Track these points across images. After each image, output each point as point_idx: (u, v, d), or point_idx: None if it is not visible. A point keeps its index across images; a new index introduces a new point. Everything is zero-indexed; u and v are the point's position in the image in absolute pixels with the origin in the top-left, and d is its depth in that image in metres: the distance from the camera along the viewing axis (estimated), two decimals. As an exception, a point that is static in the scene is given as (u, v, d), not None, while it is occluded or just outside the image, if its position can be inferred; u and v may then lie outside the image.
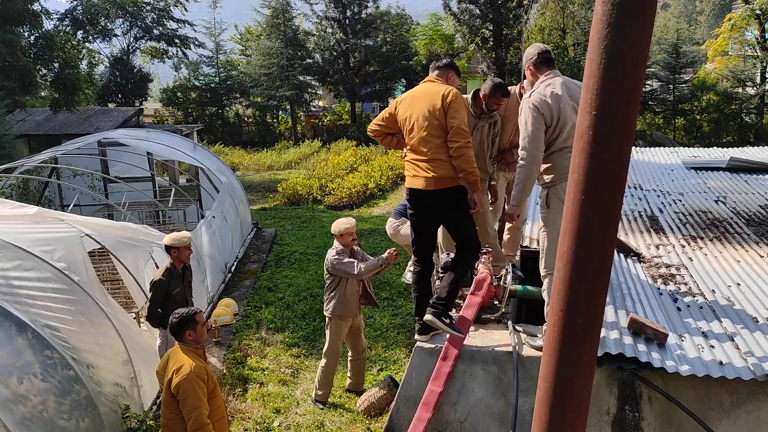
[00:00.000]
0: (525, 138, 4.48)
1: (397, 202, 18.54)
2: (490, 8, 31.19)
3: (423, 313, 4.88)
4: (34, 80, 18.39)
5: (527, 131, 4.46)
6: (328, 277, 6.70)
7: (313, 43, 36.74)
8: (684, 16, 76.05)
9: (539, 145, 4.47)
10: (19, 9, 17.16)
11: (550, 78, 4.60)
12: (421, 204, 4.95)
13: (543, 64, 4.67)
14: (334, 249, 6.68)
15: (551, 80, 4.58)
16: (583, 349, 2.28)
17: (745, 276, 5.17)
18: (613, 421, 4.18)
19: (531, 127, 4.44)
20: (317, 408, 6.81)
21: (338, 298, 6.65)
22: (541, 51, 4.71)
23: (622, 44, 2.02)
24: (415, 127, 4.86)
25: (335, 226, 6.71)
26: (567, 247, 2.22)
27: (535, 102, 4.46)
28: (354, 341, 7.00)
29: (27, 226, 6.25)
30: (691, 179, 8.91)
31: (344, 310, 6.67)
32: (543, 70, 4.67)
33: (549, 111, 4.45)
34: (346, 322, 6.76)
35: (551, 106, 4.45)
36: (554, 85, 4.54)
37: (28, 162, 11.98)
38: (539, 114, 4.44)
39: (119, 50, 36.27)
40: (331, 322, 6.75)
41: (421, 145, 4.82)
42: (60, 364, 5.12)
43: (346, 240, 6.63)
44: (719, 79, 31.47)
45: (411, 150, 4.94)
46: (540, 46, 4.79)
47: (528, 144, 4.46)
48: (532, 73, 4.73)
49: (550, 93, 4.49)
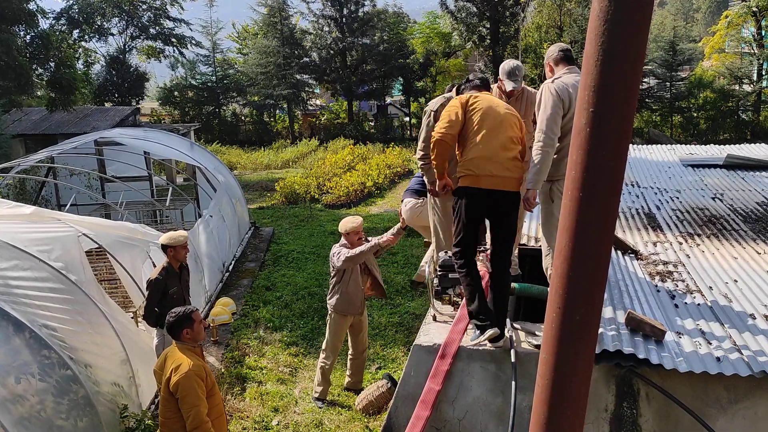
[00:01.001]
0: (543, 120, 4.53)
1: (395, 201, 18.58)
2: (487, 6, 31.22)
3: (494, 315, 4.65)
4: (31, 80, 18.34)
5: (546, 113, 4.52)
6: (332, 270, 6.69)
7: (310, 42, 36.71)
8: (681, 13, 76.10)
9: (555, 128, 4.53)
10: (15, 8, 17.10)
11: (572, 71, 4.69)
12: (496, 204, 4.66)
13: (562, 60, 4.77)
14: (337, 243, 6.67)
15: (575, 74, 4.67)
16: (580, 346, 2.29)
17: (742, 273, 5.18)
18: (611, 417, 4.19)
19: (550, 110, 4.50)
20: (316, 406, 6.81)
21: (341, 293, 6.60)
22: (562, 48, 4.83)
23: (619, 42, 2.02)
24: (503, 124, 4.68)
25: (342, 225, 6.67)
26: (564, 244, 2.22)
27: (556, 87, 4.54)
28: (355, 339, 6.98)
29: (24, 226, 6.24)
30: (688, 176, 8.93)
31: (345, 307, 6.63)
32: (562, 66, 4.76)
33: (568, 98, 4.53)
34: (347, 318, 6.72)
35: (571, 96, 4.52)
36: (577, 80, 4.58)
37: (24, 162, 11.96)
38: (559, 99, 4.51)
39: (115, 49, 36.22)
40: (332, 316, 6.72)
41: (506, 143, 4.66)
42: (58, 364, 5.11)
43: (352, 239, 6.58)
44: (716, 76, 31.52)
45: (485, 147, 4.66)
46: (561, 44, 4.92)
47: (545, 126, 4.49)
48: (551, 69, 4.82)
49: (572, 83, 4.57)
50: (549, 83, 4.61)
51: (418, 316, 8.95)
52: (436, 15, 37.05)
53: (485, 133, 4.65)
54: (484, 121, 4.67)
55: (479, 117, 4.70)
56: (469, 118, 4.73)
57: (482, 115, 4.70)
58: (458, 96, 4.99)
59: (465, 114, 4.75)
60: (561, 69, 4.74)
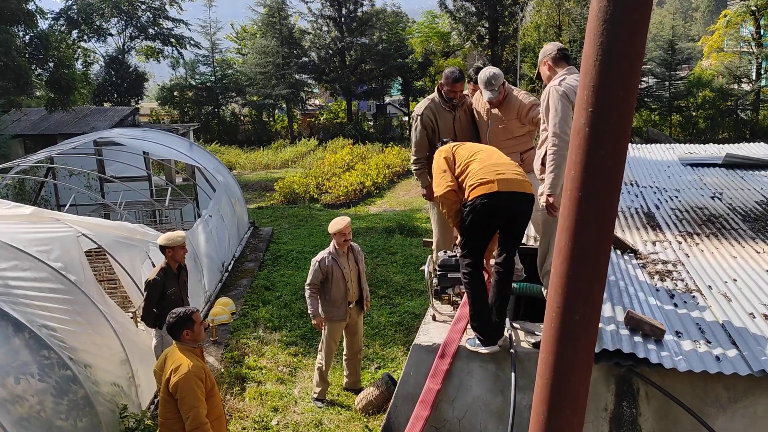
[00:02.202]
0: (555, 124, 4.48)
1: (394, 201, 18.61)
2: (486, 6, 31.25)
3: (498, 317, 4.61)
4: (30, 80, 18.30)
5: (558, 116, 4.48)
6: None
7: (308, 42, 36.73)
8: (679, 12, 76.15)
9: (569, 130, 4.48)
10: (14, 9, 17.08)
11: (572, 72, 4.65)
12: (511, 209, 4.50)
13: (561, 59, 4.74)
14: (320, 254, 6.78)
15: (576, 74, 4.61)
16: (580, 345, 2.29)
17: (742, 272, 5.18)
18: (610, 417, 4.19)
19: (561, 112, 4.47)
20: (315, 406, 6.82)
21: (323, 300, 6.76)
22: (560, 48, 4.79)
23: (618, 41, 2.02)
24: (493, 149, 4.81)
25: (330, 225, 6.74)
26: (564, 243, 2.22)
27: (564, 89, 4.51)
28: (350, 340, 7.02)
29: (23, 226, 6.24)
30: (687, 176, 8.93)
31: (329, 313, 6.74)
32: (562, 65, 4.73)
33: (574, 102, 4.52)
34: (335, 324, 6.78)
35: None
36: (578, 79, 4.56)
37: (23, 162, 11.95)
38: (568, 100, 4.47)
39: (114, 49, 36.23)
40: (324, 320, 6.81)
41: (505, 159, 4.69)
42: (57, 364, 5.11)
43: (337, 240, 6.65)
44: (715, 75, 31.56)
45: (486, 161, 4.62)
46: (558, 44, 4.89)
47: (558, 128, 4.45)
48: (550, 68, 4.77)
49: (576, 84, 4.53)
50: (556, 86, 4.55)
51: (417, 315, 8.95)
52: (434, 14, 37.08)
53: (481, 156, 4.69)
54: (474, 152, 4.76)
55: (467, 151, 4.76)
56: (457, 156, 4.76)
57: (469, 148, 4.79)
58: (438, 151, 4.99)
59: (453, 157, 4.77)
60: (561, 69, 4.71)
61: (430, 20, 37.99)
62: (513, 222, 4.56)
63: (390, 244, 13.08)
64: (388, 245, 13.02)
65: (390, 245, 13.01)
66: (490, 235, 4.65)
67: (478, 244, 4.63)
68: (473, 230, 4.58)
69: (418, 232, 13.93)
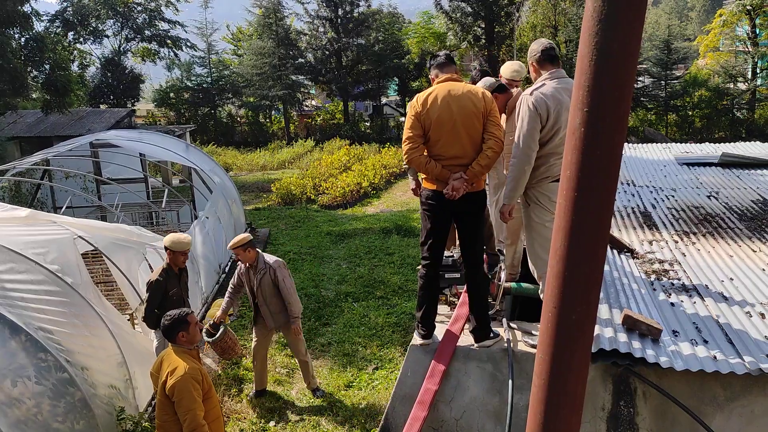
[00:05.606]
0: (519, 136, 4.42)
1: (391, 201, 18.61)
2: (482, 6, 31.26)
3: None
4: (25, 82, 18.28)
5: (522, 129, 4.40)
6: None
7: (305, 43, 36.72)
8: (675, 12, 76.29)
9: (533, 144, 4.40)
10: (10, 11, 17.06)
11: (554, 77, 4.47)
12: (452, 205, 4.63)
13: (546, 61, 4.53)
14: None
15: (556, 81, 4.45)
16: (577, 345, 2.29)
17: (738, 271, 5.20)
18: (608, 416, 4.20)
19: (526, 126, 4.37)
20: (314, 403, 6.83)
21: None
22: (545, 48, 4.55)
23: (613, 40, 2.02)
24: (457, 126, 4.56)
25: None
26: (560, 243, 2.22)
27: (534, 101, 4.35)
28: (291, 348, 7.39)
29: (19, 229, 6.22)
30: (683, 175, 8.95)
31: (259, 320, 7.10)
32: (547, 68, 4.53)
33: (546, 111, 4.34)
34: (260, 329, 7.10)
35: (549, 108, 4.33)
36: (558, 89, 4.39)
37: (19, 164, 11.91)
38: (536, 113, 4.34)
39: (110, 51, 36.17)
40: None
41: (465, 145, 4.59)
42: (54, 367, 5.09)
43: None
44: (711, 74, 31.68)
45: (444, 150, 4.62)
46: (543, 42, 4.63)
47: (521, 142, 4.41)
48: (536, 69, 4.60)
49: (551, 94, 4.37)
50: (527, 95, 4.42)
51: (414, 316, 8.94)
52: (430, 15, 37.13)
53: (441, 144, 4.61)
54: (439, 130, 4.58)
55: (433, 127, 4.59)
56: (425, 124, 4.62)
57: (435, 125, 4.58)
58: (412, 102, 4.79)
59: (421, 123, 4.64)
60: (544, 72, 4.53)
61: (426, 21, 38.04)
62: (459, 217, 4.74)
63: (387, 245, 13.09)
64: (386, 246, 13.03)
65: (387, 246, 13.02)
66: (444, 227, 4.82)
67: (435, 236, 4.81)
68: (426, 221, 4.81)
69: (415, 232, 13.92)
